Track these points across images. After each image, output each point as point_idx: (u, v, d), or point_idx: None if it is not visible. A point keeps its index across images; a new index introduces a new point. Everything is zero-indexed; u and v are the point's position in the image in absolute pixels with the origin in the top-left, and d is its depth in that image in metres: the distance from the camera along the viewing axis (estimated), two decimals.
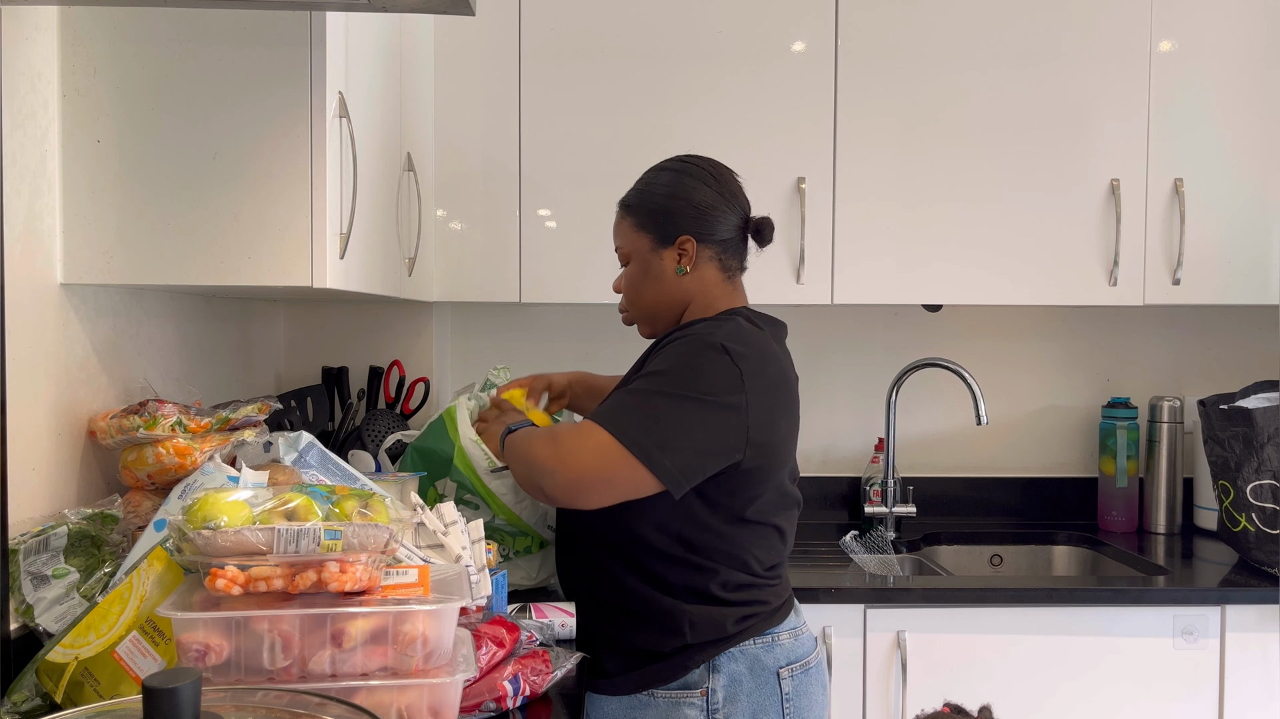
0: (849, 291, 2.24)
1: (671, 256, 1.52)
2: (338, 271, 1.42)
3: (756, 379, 1.39)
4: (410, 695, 1.01)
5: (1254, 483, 2.07)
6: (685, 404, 1.36)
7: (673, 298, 1.53)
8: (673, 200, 1.51)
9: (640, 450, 1.34)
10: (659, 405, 1.36)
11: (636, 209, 1.55)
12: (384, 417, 2.19)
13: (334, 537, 1.02)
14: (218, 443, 1.37)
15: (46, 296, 1.33)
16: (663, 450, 1.34)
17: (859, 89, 2.23)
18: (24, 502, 1.28)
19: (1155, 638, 1.96)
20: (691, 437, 1.36)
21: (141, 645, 1.07)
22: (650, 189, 1.55)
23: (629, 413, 1.37)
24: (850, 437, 2.62)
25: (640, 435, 1.34)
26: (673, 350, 1.42)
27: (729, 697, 1.43)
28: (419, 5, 1.21)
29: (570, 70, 2.21)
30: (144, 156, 1.36)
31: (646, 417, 1.36)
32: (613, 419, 1.36)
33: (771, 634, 1.46)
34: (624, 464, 1.34)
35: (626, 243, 1.56)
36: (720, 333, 1.41)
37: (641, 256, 1.54)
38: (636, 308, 1.57)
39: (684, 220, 1.51)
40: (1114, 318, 2.62)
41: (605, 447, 1.35)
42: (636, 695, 1.44)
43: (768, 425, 1.41)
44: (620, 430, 1.35)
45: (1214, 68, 2.24)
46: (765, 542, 1.47)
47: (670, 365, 1.40)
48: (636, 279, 1.55)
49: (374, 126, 1.66)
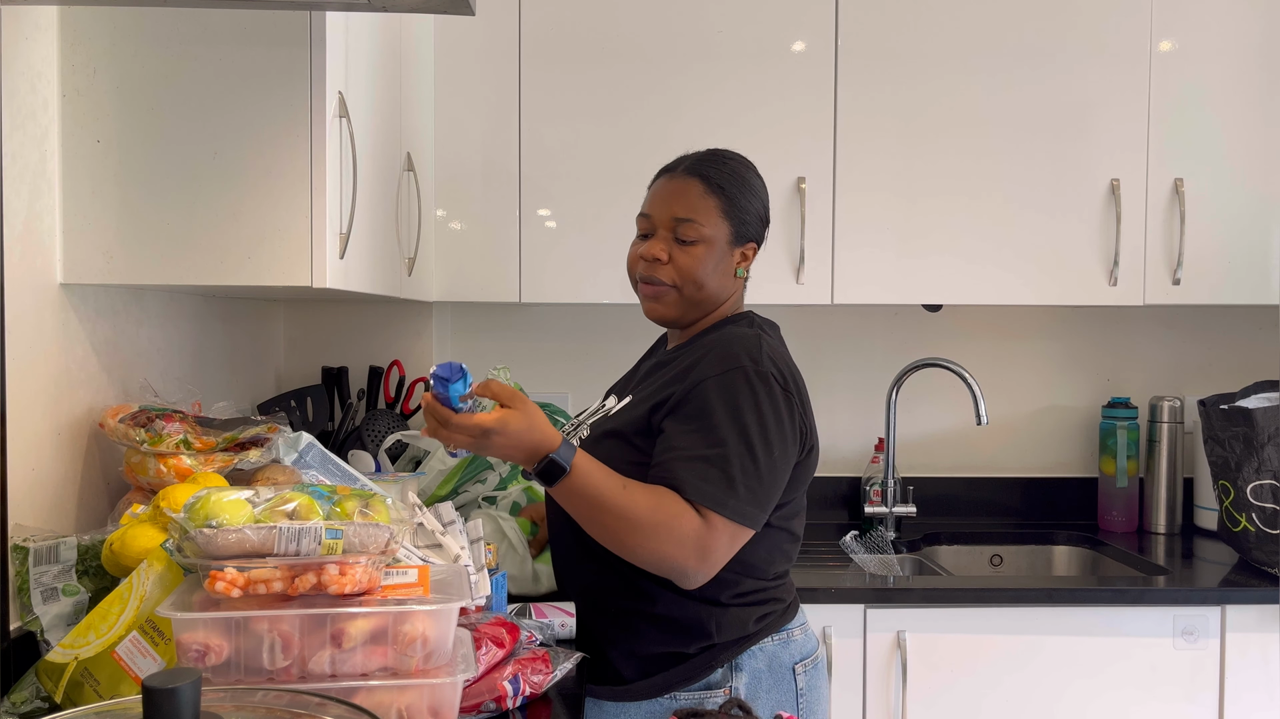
0: (849, 291, 2.24)
1: (738, 255, 1.51)
2: (338, 271, 1.42)
3: (802, 397, 1.43)
4: (410, 695, 1.01)
5: (1254, 483, 2.07)
6: (771, 453, 1.36)
7: (724, 294, 1.52)
8: (758, 203, 1.53)
9: (753, 522, 1.35)
10: (753, 464, 1.34)
11: (730, 196, 1.48)
12: (384, 417, 2.19)
13: (335, 536, 1.02)
14: (221, 463, 1.36)
15: (46, 296, 1.33)
16: (765, 510, 1.37)
17: (859, 88, 2.23)
18: (24, 501, 1.28)
19: (1155, 638, 1.96)
20: (779, 483, 1.39)
21: (141, 645, 1.07)
22: (741, 180, 1.50)
23: (735, 489, 1.32)
24: (850, 437, 2.62)
25: (756, 509, 1.35)
26: (732, 385, 1.36)
27: (750, 694, 1.43)
28: (419, 5, 1.21)
29: (570, 70, 2.21)
30: (144, 156, 1.36)
31: (749, 486, 1.33)
32: (726, 503, 1.32)
33: (786, 631, 1.48)
34: (743, 538, 1.36)
35: (708, 223, 1.46)
36: (761, 355, 1.39)
37: (720, 245, 1.48)
38: (692, 288, 1.47)
39: (759, 226, 1.54)
40: (1114, 318, 2.62)
41: (734, 535, 1.34)
42: (659, 699, 1.43)
43: (810, 438, 1.45)
44: (740, 513, 1.32)
45: (1214, 68, 2.24)
46: (780, 546, 1.48)
47: (738, 405, 1.35)
48: (709, 264, 1.47)
49: (374, 126, 1.66)
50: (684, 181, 1.49)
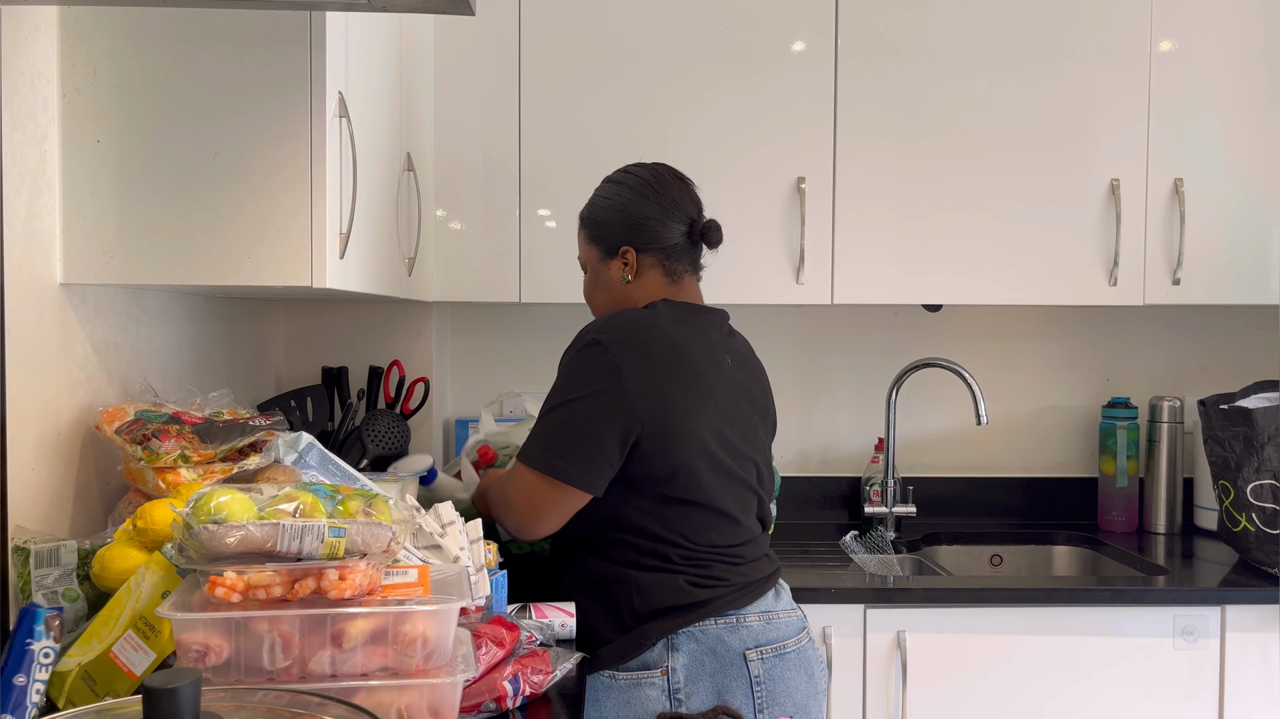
0: (849, 291, 2.24)
1: (617, 266, 1.61)
2: (338, 271, 1.42)
3: (632, 358, 1.45)
4: (410, 695, 1.01)
5: (1254, 483, 2.07)
6: (572, 408, 1.45)
7: (622, 304, 1.60)
8: (613, 213, 1.61)
9: (553, 470, 1.44)
10: (553, 421, 1.47)
11: (587, 221, 1.65)
12: (384, 417, 2.19)
13: (338, 534, 1.02)
14: (221, 473, 1.35)
15: (46, 297, 1.33)
16: (568, 461, 1.43)
17: (859, 89, 2.23)
18: (24, 501, 1.28)
19: (1155, 638, 1.96)
20: (586, 436, 1.43)
21: (134, 641, 1.08)
22: (596, 201, 1.65)
23: (535, 440, 1.49)
24: (850, 437, 2.62)
25: (548, 457, 1.45)
26: (562, 361, 1.51)
27: (690, 677, 1.44)
28: (419, 5, 1.21)
29: (570, 70, 2.21)
30: (144, 156, 1.36)
31: (546, 437, 1.47)
32: (527, 452, 1.49)
33: (735, 615, 1.47)
34: (547, 490, 1.46)
35: (582, 254, 1.67)
36: (595, 327, 1.49)
37: (593, 266, 1.65)
38: (592, 307, 1.69)
39: (623, 232, 1.60)
40: (1114, 318, 2.62)
41: (529, 483, 1.47)
42: (598, 676, 1.47)
43: (656, 398, 1.44)
44: (534, 460, 1.47)
45: (1214, 68, 2.24)
46: (702, 520, 1.49)
47: (558, 376, 1.50)
48: (590, 287, 1.68)
49: (374, 126, 1.66)
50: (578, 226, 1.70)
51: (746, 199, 2.21)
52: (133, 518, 1.22)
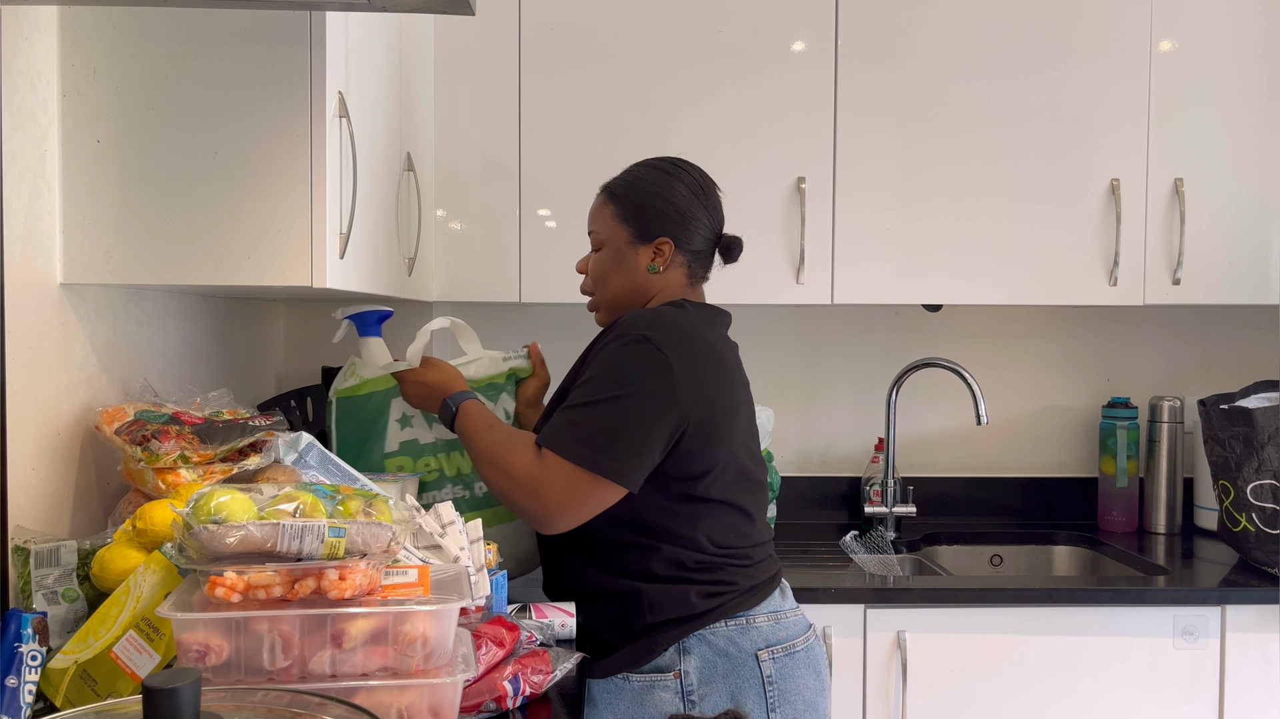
0: (849, 291, 2.24)
1: (647, 254, 1.57)
2: (338, 271, 1.42)
3: (681, 356, 1.43)
4: (410, 695, 1.01)
5: (1254, 483, 2.07)
6: (620, 403, 1.41)
7: (639, 291, 1.58)
8: (659, 200, 1.56)
9: (597, 466, 1.39)
10: (597, 414, 1.41)
11: (622, 200, 1.58)
12: None
13: (338, 534, 1.02)
14: (221, 474, 1.35)
15: (46, 296, 1.33)
16: (615, 458, 1.39)
17: (859, 89, 2.23)
18: (24, 501, 1.28)
19: (1155, 638, 1.96)
20: (632, 432, 1.40)
21: (137, 643, 1.07)
22: (639, 183, 1.58)
23: (574, 431, 1.42)
24: (850, 437, 2.62)
25: (593, 452, 1.39)
26: (605, 354, 1.46)
27: (704, 679, 1.44)
28: (419, 5, 1.21)
29: (570, 70, 2.21)
30: (144, 157, 1.36)
31: (590, 430, 1.41)
32: (562, 443, 1.41)
33: (745, 616, 1.47)
34: (590, 485, 1.40)
35: (604, 230, 1.60)
36: (643, 323, 1.46)
37: (617, 247, 1.58)
38: (602, 294, 1.62)
39: (666, 222, 1.56)
40: (1114, 318, 2.62)
41: (567, 474, 1.40)
42: (613, 679, 1.46)
43: (703, 397, 1.44)
44: (574, 454, 1.40)
45: (1214, 68, 2.24)
46: (721, 520, 1.48)
47: (601, 369, 1.45)
48: (608, 267, 1.59)
49: (374, 126, 1.66)
50: (596, 199, 1.63)
51: (747, 199, 2.21)
52: (132, 518, 1.22)
